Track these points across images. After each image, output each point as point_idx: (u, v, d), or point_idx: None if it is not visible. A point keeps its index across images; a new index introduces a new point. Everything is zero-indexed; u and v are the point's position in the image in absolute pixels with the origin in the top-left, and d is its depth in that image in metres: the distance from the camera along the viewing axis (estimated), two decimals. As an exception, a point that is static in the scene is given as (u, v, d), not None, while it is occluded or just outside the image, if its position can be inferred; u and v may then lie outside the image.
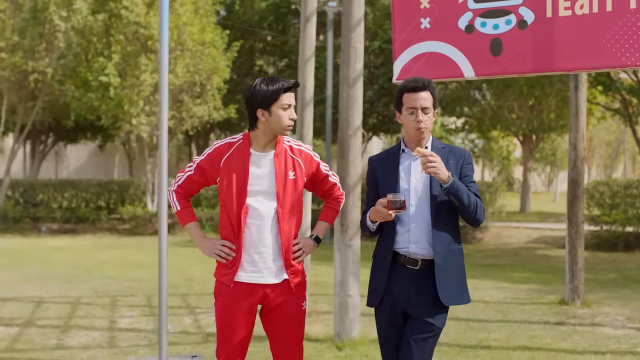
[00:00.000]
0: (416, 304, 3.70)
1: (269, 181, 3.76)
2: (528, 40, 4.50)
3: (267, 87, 3.72)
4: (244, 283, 3.74)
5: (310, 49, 8.81)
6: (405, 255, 3.69)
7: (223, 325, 3.78)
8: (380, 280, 3.74)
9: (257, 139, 3.80)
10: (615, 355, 6.71)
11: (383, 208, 3.55)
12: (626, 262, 15.01)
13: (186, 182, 3.87)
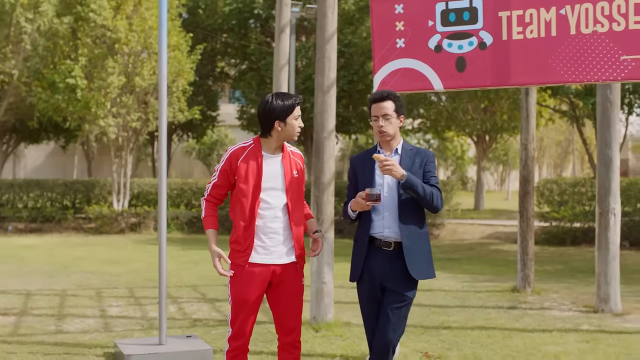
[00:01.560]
0: (391, 279, 4.47)
1: (279, 179, 4.50)
2: (487, 59, 5.30)
3: (283, 102, 4.45)
4: (257, 264, 4.47)
5: (284, 57, 9.53)
6: (381, 239, 4.48)
7: (238, 298, 4.49)
8: (360, 259, 4.53)
9: (269, 144, 4.53)
10: (561, 333, 7.58)
11: (362, 200, 4.34)
12: (573, 255, 16.02)
13: (213, 190, 4.57)
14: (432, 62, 5.48)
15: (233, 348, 4.56)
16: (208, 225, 4.56)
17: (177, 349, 6.26)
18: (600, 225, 8.97)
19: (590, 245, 17.84)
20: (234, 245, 4.53)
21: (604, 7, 4.94)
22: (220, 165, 4.57)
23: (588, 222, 18.28)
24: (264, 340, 7.10)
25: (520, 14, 5.19)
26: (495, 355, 6.57)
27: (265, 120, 4.49)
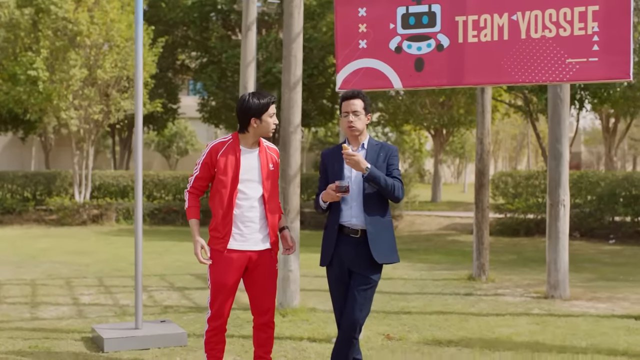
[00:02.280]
0: (358, 264, 4.87)
1: (256, 171, 4.87)
2: (444, 60, 5.71)
3: (259, 100, 4.82)
4: (235, 250, 4.83)
5: (251, 54, 9.87)
6: (349, 227, 4.87)
7: (217, 282, 4.85)
8: (330, 245, 4.91)
9: (247, 139, 4.90)
10: (513, 316, 8.07)
11: (332, 192, 4.72)
12: (526, 246, 16.62)
13: (196, 182, 4.93)
14: (393, 62, 5.88)
15: (212, 328, 4.93)
16: (191, 216, 4.90)
17: (153, 333, 6.59)
18: (551, 216, 9.48)
19: (543, 236, 18.45)
20: (213, 232, 4.88)
21: (552, 14, 5.38)
22: (202, 159, 4.91)
23: (541, 214, 18.90)
24: (234, 325, 7.44)
25: (475, 18, 5.61)
26: (453, 336, 7.01)
27: (243, 117, 4.85)
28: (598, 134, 46.29)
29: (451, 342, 6.77)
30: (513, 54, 5.52)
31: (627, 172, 21.52)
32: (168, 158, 42.71)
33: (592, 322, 7.74)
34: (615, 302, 9.04)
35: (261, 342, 5.07)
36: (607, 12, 5.27)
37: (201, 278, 10.90)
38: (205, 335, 4.97)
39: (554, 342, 6.83)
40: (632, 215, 17.73)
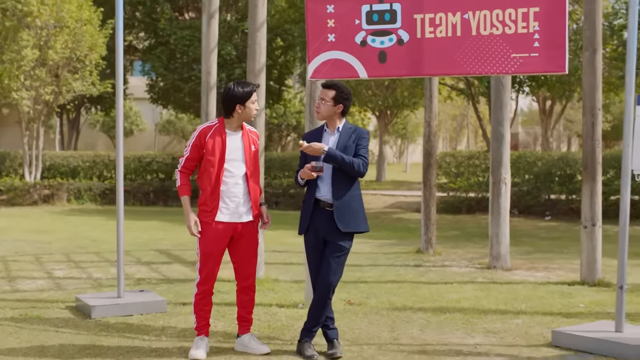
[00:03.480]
0: (331, 234, 5.55)
1: (240, 152, 5.50)
2: (404, 53, 6.38)
3: (243, 88, 5.44)
4: (222, 222, 5.46)
5: (213, 41, 10.39)
6: (324, 201, 5.54)
7: (206, 250, 5.48)
8: (307, 217, 5.59)
9: (232, 123, 5.52)
10: (460, 284, 8.87)
11: (308, 171, 5.38)
12: (468, 222, 17.55)
13: (187, 162, 5.51)
14: (358, 54, 6.53)
15: (202, 291, 5.56)
16: (183, 193, 5.49)
17: (135, 300, 7.17)
18: (493, 193, 10.29)
19: (484, 213, 19.45)
20: (203, 207, 5.50)
21: (499, 14, 6.09)
22: (192, 141, 5.49)
23: (482, 192, 19.86)
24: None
25: (431, 16, 6.28)
26: (407, 301, 7.75)
27: (228, 104, 5.48)
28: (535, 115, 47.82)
29: (406, 306, 7.51)
30: (465, 48, 6.21)
31: (563, 152, 22.66)
32: (113, 138, 42.64)
33: (530, 288, 8.58)
34: (550, 271, 9.92)
35: (244, 303, 5.74)
36: (546, 13, 6.00)
37: (165, 253, 11.46)
38: (195, 298, 5.59)
39: (497, 305, 7.62)
40: (567, 194, 18.80)
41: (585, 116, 8.93)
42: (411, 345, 6.00)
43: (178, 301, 7.63)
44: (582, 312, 7.31)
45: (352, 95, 5.76)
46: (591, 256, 8.88)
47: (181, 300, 7.71)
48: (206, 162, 5.48)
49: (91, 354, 5.62)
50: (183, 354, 5.62)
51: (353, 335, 6.28)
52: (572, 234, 15.12)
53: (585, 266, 8.91)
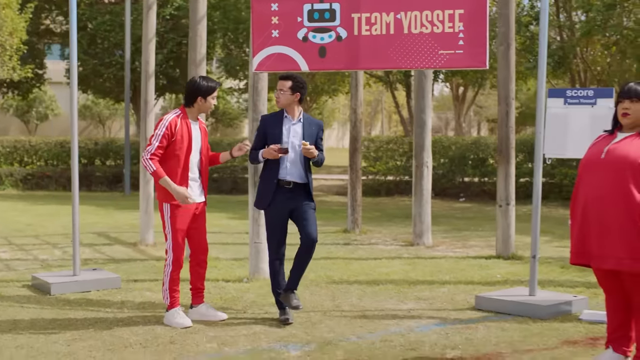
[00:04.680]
0: (297, 202, 6.22)
1: (198, 140, 6.09)
2: (343, 48, 7.04)
3: (207, 83, 6.01)
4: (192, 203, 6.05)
5: (151, 32, 10.83)
6: (284, 180, 6.18)
7: (178, 228, 6.04)
8: (268, 194, 6.22)
9: (192, 113, 6.11)
10: (388, 260, 9.64)
11: (274, 151, 6.00)
12: (388, 204, 18.42)
13: (157, 150, 5.96)
14: (300, 49, 7.15)
15: (177, 267, 6.12)
16: (162, 174, 5.97)
17: (91, 278, 7.64)
18: (416, 176, 11.10)
19: (402, 195, 20.42)
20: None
21: (428, 14, 6.80)
22: (162, 131, 5.97)
23: (399, 175, 20.81)
24: (154, 271, 8.55)
25: (368, 16, 6.95)
26: (342, 275, 8.45)
27: (191, 95, 6.06)
28: (447, 101, 49.32)
29: (342, 280, 8.21)
30: (398, 45, 6.91)
31: (475, 137, 23.83)
32: (27, 123, 41.97)
33: (452, 262, 9.42)
34: (468, 248, 10.81)
35: (200, 275, 6.34)
36: (469, 15, 6.73)
37: (103, 235, 11.86)
38: (170, 275, 6.10)
39: (424, 277, 8.41)
40: (479, 176, 19.91)
41: (500, 105, 9.80)
42: (352, 311, 6.70)
43: (130, 279, 8.11)
44: (499, 281, 8.16)
45: (306, 84, 6.40)
46: (506, 232, 9.77)
47: (132, 277, 8.20)
48: (174, 149, 6.01)
49: (61, 325, 6.09)
50: (148, 323, 6.15)
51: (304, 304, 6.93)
52: (485, 214, 16.16)
53: (500, 241, 9.81)
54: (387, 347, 5.50)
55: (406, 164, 20.70)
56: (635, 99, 4.80)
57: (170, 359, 5.18)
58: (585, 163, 4.94)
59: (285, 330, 6.01)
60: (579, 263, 4.94)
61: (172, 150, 6.03)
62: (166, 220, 6.08)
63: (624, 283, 4.80)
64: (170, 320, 6.07)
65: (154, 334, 5.82)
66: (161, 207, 6.10)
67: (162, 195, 6.07)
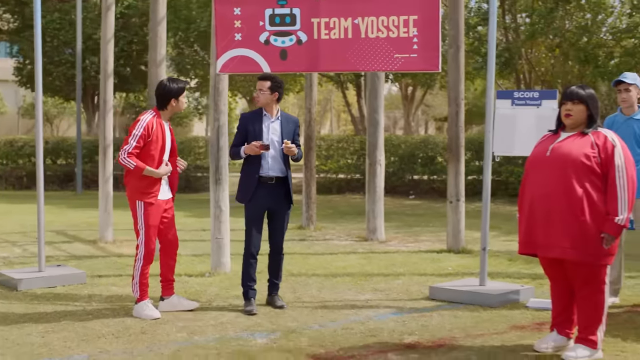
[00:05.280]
0: (275, 202, 6.63)
1: (169, 140, 6.35)
2: (303, 51, 7.35)
3: (177, 85, 6.28)
4: (161, 199, 6.32)
5: (110, 32, 11.02)
6: (265, 176, 6.53)
7: (151, 224, 6.30)
8: (250, 189, 6.57)
9: (165, 115, 6.37)
10: (344, 254, 10.00)
11: (256, 148, 6.34)
12: (339, 202, 18.79)
13: (135, 149, 6.19)
14: (262, 52, 7.44)
15: (148, 261, 6.39)
16: (143, 166, 6.21)
17: (57, 274, 7.82)
18: (370, 174, 11.47)
19: (353, 193, 20.82)
20: (145, 188, 6.29)
21: (384, 20, 7.15)
22: (140, 132, 6.21)
23: (351, 174, 21.21)
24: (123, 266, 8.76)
25: (327, 20, 7.27)
26: (301, 269, 8.77)
27: (164, 98, 6.31)
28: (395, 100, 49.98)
29: (301, 273, 8.53)
30: (355, 48, 7.25)
31: (424, 135, 24.37)
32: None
33: (405, 256, 9.81)
34: (420, 242, 11.22)
35: (171, 268, 6.62)
36: (423, 20, 7.10)
37: (61, 234, 11.98)
38: (141, 269, 6.36)
39: (379, 270, 8.78)
40: (429, 174, 20.41)
41: (450, 105, 10.23)
42: (312, 302, 7.03)
43: (94, 274, 8.31)
44: (450, 273, 8.57)
45: (284, 83, 6.73)
46: (456, 227, 10.21)
47: (96, 273, 8.39)
48: (149, 149, 6.27)
49: (33, 319, 6.29)
50: (117, 315, 6.39)
51: (261, 296, 7.21)
52: (435, 210, 16.63)
53: (451, 236, 10.23)
54: (348, 334, 5.84)
55: (357, 162, 21.11)
56: (576, 101, 5.21)
57: (143, 347, 5.44)
58: (531, 160, 5.34)
59: (250, 320, 6.30)
60: (526, 253, 5.34)
61: (147, 150, 6.28)
62: (139, 217, 6.32)
63: (567, 271, 5.21)
64: (139, 312, 6.32)
65: (125, 325, 6.07)
66: (133, 204, 6.34)
67: (134, 193, 6.32)
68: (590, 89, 5.33)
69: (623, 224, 4.98)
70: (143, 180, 6.29)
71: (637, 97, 6.81)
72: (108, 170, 11.12)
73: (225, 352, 5.31)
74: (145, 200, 6.31)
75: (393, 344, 5.53)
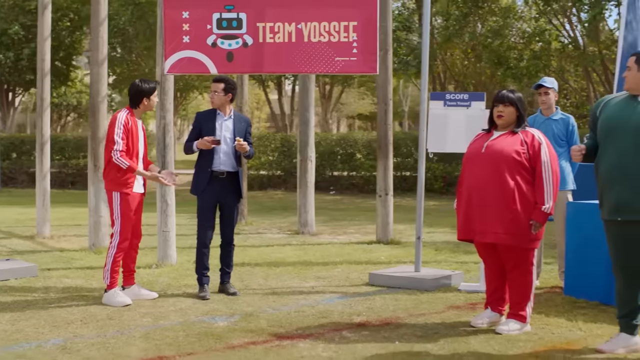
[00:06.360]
0: (226, 196, 7.08)
1: (142, 137, 6.73)
2: (249, 54, 7.80)
3: (148, 85, 6.68)
4: (136, 192, 6.71)
5: (47, 30, 11.19)
6: (218, 170, 6.94)
7: (127, 214, 6.67)
8: (203, 182, 7.01)
9: (137, 113, 6.79)
10: (280, 246, 10.50)
11: (208, 143, 6.76)
12: (262, 198, 19.28)
13: (123, 146, 6.56)
14: (210, 54, 7.86)
15: (122, 248, 6.74)
16: (135, 167, 6.64)
17: (8, 267, 8.04)
18: (301, 169, 12.00)
19: (275, 189, 21.35)
20: (122, 180, 6.66)
21: (325, 25, 7.68)
22: (121, 129, 6.59)
23: (272, 170, 21.72)
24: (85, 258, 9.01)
25: (272, 25, 7.75)
26: (242, 260, 9.19)
27: (137, 97, 6.74)
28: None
29: (244, 263, 8.98)
30: (299, 52, 7.76)
31: (343, 133, 25.12)
32: None
33: (339, 247, 10.39)
34: (349, 235, 11.83)
35: (132, 258, 7.01)
36: (362, 26, 7.66)
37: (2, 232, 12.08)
38: (114, 257, 6.71)
39: (317, 260, 9.32)
40: (348, 170, 21.12)
41: (379, 105, 10.86)
42: (262, 289, 7.50)
43: (42, 267, 8.53)
44: (383, 262, 9.18)
45: (236, 84, 7.17)
46: (385, 220, 10.84)
47: (44, 267, 8.61)
48: (129, 145, 6.66)
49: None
50: (79, 304, 6.70)
51: (211, 285, 7.63)
52: (356, 205, 17.33)
53: (380, 228, 10.86)
54: (301, 316, 6.35)
55: (278, 159, 21.61)
56: (507, 104, 5.86)
57: (114, 331, 5.81)
58: (468, 156, 5.97)
59: (208, 306, 6.73)
60: (464, 239, 5.97)
61: (127, 145, 6.66)
62: (115, 207, 6.70)
63: (500, 254, 5.85)
64: (110, 299, 6.67)
65: (90, 313, 6.40)
66: (110, 195, 6.71)
67: (111, 185, 6.71)
68: (518, 93, 6.00)
69: (549, 212, 5.66)
70: (121, 173, 6.64)
71: (555, 100, 7.56)
72: (45, 166, 11.28)
73: (193, 334, 5.73)
74: (122, 191, 6.68)
75: (345, 324, 6.07)
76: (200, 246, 7.23)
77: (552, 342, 5.55)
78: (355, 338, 5.62)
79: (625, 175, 5.06)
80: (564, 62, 21.18)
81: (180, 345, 5.40)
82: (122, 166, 6.63)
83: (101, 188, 9.85)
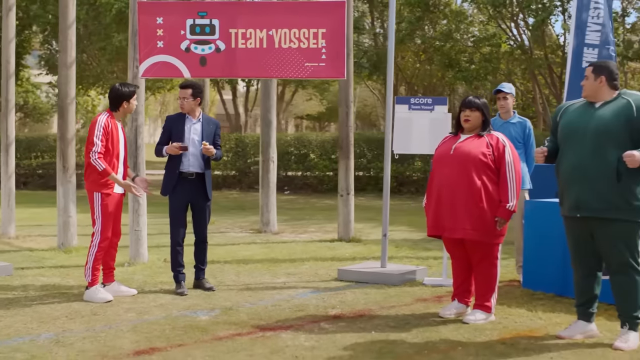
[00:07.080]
0: (196, 196, 7.37)
1: (122, 139, 6.96)
2: (222, 59, 8.08)
3: (128, 89, 6.92)
4: (117, 193, 6.93)
5: (12, 32, 11.29)
6: (186, 172, 7.21)
7: (109, 214, 6.90)
8: (172, 183, 7.27)
9: (118, 116, 7.03)
10: (245, 244, 10.80)
11: (175, 148, 7.01)
12: (218, 198, 19.39)
13: (101, 148, 6.78)
14: (183, 58, 8.12)
15: (103, 247, 6.97)
16: (110, 171, 6.85)
17: (-16, 266, 8.19)
18: (264, 169, 12.31)
19: (229, 189, 21.56)
20: (104, 182, 6.87)
21: (295, 32, 8.00)
22: (101, 132, 6.81)
23: (227, 170, 21.93)
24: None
25: (244, 31, 8.04)
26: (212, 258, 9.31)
27: (116, 100, 6.97)
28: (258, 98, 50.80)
29: (213, 261, 9.19)
30: (270, 57, 8.07)
31: (298, 133, 25.44)
32: None
33: (303, 245, 10.73)
34: (311, 233, 12.18)
35: (112, 256, 7.24)
36: (330, 33, 7.99)
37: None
38: (96, 255, 6.92)
39: (284, 257, 9.65)
40: (302, 171, 21.47)
41: (341, 107, 11.23)
42: (236, 285, 7.81)
43: (16, 267, 8.67)
44: (348, 258, 9.55)
45: (202, 87, 7.44)
46: (346, 218, 11.23)
47: (17, 266, 8.75)
48: (109, 148, 6.88)
49: (-20, 306, 6.73)
50: (61, 301, 6.91)
51: (187, 282, 7.89)
52: (312, 204, 17.69)
53: (342, 226, 11.24)
54: (279, 309, 6.67)
55: (232, 159, 21.84)
56: (474, 109, 6.28)
57: (101, 325, 6.05)
58: (437, 157, 6.37)
59: (187, 301, 7.01)
60: (434, 235, 6.37)
61: (106, 149, 6.88)
62: (96, 207, 6.92)
63: (467, 249, 6.27)
64: (92, 296, 6.89)
65: (74, 309, 6.63)
66: (91, 196, 6.92)
67: (92, 186, 6.91)
68: (483, 99, 6.43)
69: (512, 210, 6.09)
70: (101, 174, 6.87)
71: (512, 104, 8.03)
72: (10, 167, 11.38)
73: (178, 327, 6.01)
74: (103, 192, 6.91)
75: (321, 316, 6.42)
76: (174, 245, 7.49)
77: (516, 330, 5.99)
78: (334, 329, 5.98)
79: (584, 175, 5.51)
80: (511, 65, 21.90)
81: (169, 338, 5.69)
82: (98, 168, 6.82)
83: (70, 188, 10.06)
